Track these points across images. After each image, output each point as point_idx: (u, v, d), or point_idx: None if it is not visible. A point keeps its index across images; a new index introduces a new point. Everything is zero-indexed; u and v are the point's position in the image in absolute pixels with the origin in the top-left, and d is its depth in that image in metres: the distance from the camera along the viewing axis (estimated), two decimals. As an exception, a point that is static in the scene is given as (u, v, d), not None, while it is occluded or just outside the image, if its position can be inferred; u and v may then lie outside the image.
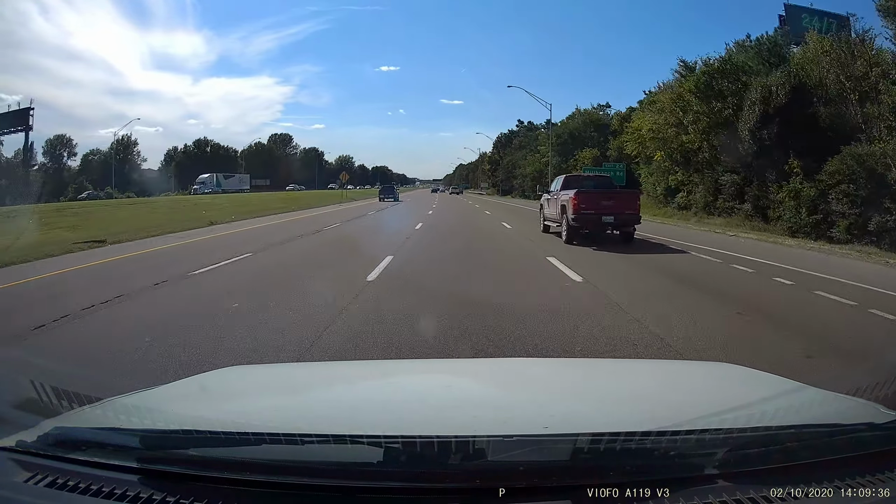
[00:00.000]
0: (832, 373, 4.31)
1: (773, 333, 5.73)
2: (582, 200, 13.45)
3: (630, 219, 13.67)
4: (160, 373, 4.17)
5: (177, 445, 1.28)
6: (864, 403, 1.63)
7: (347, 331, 5.53)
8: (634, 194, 14.70)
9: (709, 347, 5.00)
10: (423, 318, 5.94)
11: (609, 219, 13.41)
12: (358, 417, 1.54)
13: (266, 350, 4.94)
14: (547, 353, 4.81)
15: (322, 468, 1.18)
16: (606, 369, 2.54)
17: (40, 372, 4.02)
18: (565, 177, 17.17)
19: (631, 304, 6.79)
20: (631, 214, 13.66)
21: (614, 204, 13.69)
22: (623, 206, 13.73)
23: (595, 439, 1.21)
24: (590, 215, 13.35)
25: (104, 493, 1.17)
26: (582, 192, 13.80)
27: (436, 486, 1.17)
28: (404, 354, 4.81)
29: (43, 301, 7.51)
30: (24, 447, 1.30)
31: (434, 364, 3.34)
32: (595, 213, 13.34)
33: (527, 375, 2.18)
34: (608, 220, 13.43)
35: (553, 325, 5.68)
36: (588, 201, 13.49)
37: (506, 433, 1.22)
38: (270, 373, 2.55)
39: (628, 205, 13.81)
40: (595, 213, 13.34)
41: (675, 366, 3.19)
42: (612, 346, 5.08)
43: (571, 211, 13.46)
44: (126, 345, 5.14)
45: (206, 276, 9.44)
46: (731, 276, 9.58)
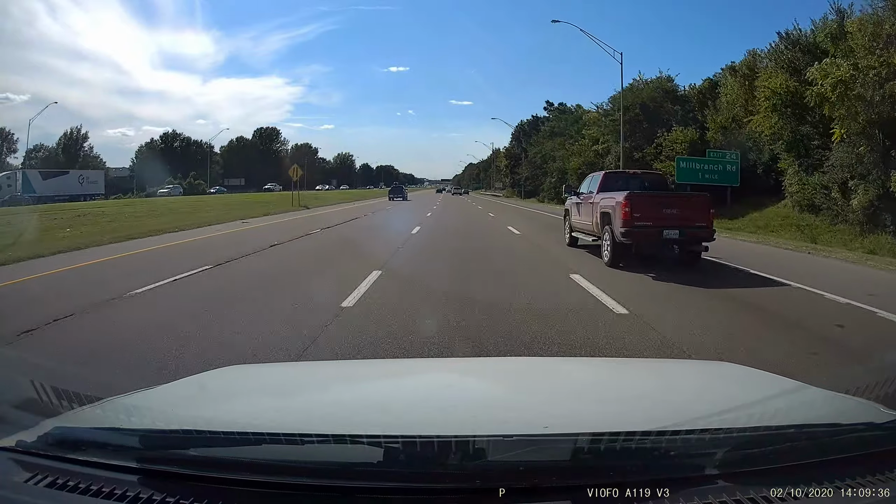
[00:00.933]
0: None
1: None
2: (636, 207, 9.71)
3: (700, 233, 9.98)
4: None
5: (177, 445, 1.28)
6: (864, 403, 1.63)
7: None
8: (704, 200, 10.57)
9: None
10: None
11: (672, 233, 9.76)
12: (358, 417, 1.54)
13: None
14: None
15: (322, 468, 1.18)
16: (606, 369, 2.54)
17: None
18: (604, 174, 12.80)
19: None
20: (701, 228, 10.02)
21: (680, 213, 9.90)
22: (692, 215, 10.03)
23: (595, 439, 1.21)
24: (646, 229, 9.72)
25: (104, 493, 1.17)
26: (636, 195, 10.12)
27: (436, 486, 1.17)
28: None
29: None
30: (25, 447, 1.30)
31: (434, 364, 3.34)
32: (654, 225, 9.72)
33: (527, 375, 2.18)
34: (671, 236, 9.79)
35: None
36: (644, 209, 9.77)
37: (506, 433, 1.22)
38: (270, 372, 2.55)
39: (698, 214, 10.10)
40: (654, 225, 9.72)
41: (676, 365, 3.18)
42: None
43: (620, 222, 9.73)
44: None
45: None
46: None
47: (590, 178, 13.36)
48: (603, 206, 10.77)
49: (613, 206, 10.13)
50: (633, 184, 11.88)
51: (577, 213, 12.92)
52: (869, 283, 8.81)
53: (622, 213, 9.76)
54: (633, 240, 9.84)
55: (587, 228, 12.02)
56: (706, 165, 21.70)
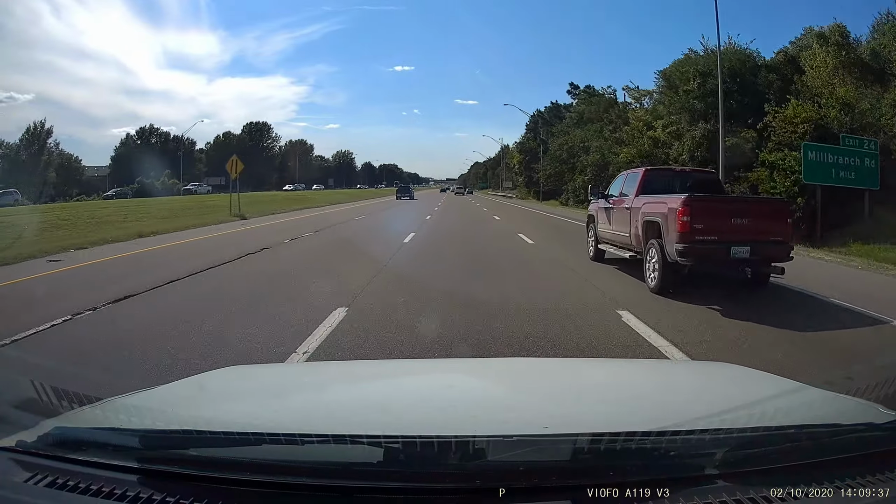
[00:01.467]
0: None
1: None
2: (699, 216, 7.18)
3: (776, 251, 7.51)
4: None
5: (177, 445, 1.28)
6: (864, 403, 1.63)
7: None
8: (782, 206, 8.32)
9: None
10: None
11: (742, 251, 7.21)
12: (358, 417, 1.54)
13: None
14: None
15: (322, 468, 1.18)
16: (607, 369, 2.54)
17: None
18: (644, 171, 9.72)
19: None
20: (777, 243, 7.52)
21: (751, 223, 7.38)
22: (766, 226, 7.51)
23: (595, 439, 1.21)
24: (711, 245, 7.21)
25: (104, 493, 1.17)
26: (698, 200, 7.46)
27: (436, 486, 1.17)
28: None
29: None
30: (24, 447, 1.30)
31: (434, 364, 3.34)
32: (720, 239, 7.22)
33: (527, 375, 2.18)
34: (741, 254, 7.23)
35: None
36: (709, 218, 7.25)
37: (506, 433, 1.22)
38: (270, 373, 2.55)
39: (774, 225, 7.60)
40: (720, 239, 7.22)
41: (676, 366, 3.19)
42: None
43: (676, 235, 7.22)
44: None
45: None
46: None
47: (622, 178, 10.56)
48: (648, 213, 8.27)
49: (665, 213, 7.60)
50: (681, 184, 9.42)
51: (607, 220, 10.28)
52: None
53: (679, 223, 7.19)
54: (693, 259, 7.21)
55: (621, 240, 9.52)
56: (841, 158, 14.81)
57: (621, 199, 9.68)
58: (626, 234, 9.13)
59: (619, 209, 9.66)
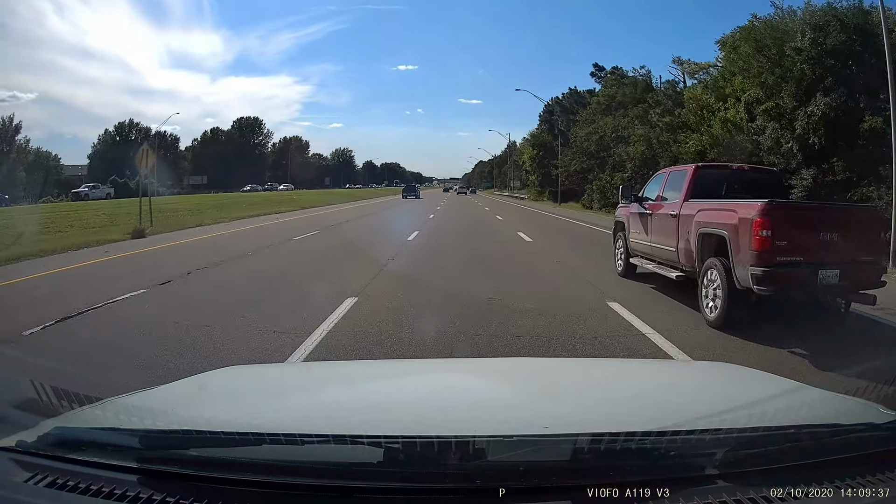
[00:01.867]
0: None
1: None
2: (783, 228, 5.52)
3: (867, 273, 5.88)
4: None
5: (176, 445, 1.28)
6: (864, 403, 1.63)
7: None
8: (872, 216, 6.65)
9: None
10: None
11: (831, 275, 5.55)
12: (358, 417, 1.54)
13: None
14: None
15: (322, 468, 1.18)
16: (606, 369, 2.54)
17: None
18: (694, 169, 7.74)
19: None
20: (868, 264, 5.91)
21: (841, 239, 5.65)
22: (855, 243, 5.76)
23: (595, 439, 1.21)
24: (798, 268, 5.55)
25: (104, 493, 1.17)
26: (781, 208, 5.82)
27: (436, 486, 1.17)
28: None
29: None
30: (24, 447, 1.30)
31: (434, 364, 3.34)
32: (806, 260, 5.56)
33: (527, 375, 2.18)
34: (829, 279, 5.56)
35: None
36: (795, 231, 5.59)
37: (506, 433, 1.23)
38: (270, 373, 2.55)
39: (865, 240, 5.89)
40: (806, 260, 5.56)
41: (676, 366, 3.19)
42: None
43: (752, 256, 5.55)
44: None
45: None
46: None
47: (662, 177, 8.59)
48: (706, 223, 6.38)
49: (734, 225, 5.82)
50: (741, 185, 7.59)
51: (642, 229, 8.39)
52: None
53: (756, 239, 5.45)
54: (775, 288, 5.47)
55: (662, 255, 7.67)
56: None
57: (660, 203, 7.91)
58: (671, 247, 7.22)
59: (659, 216, 7.80)
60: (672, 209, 7.34)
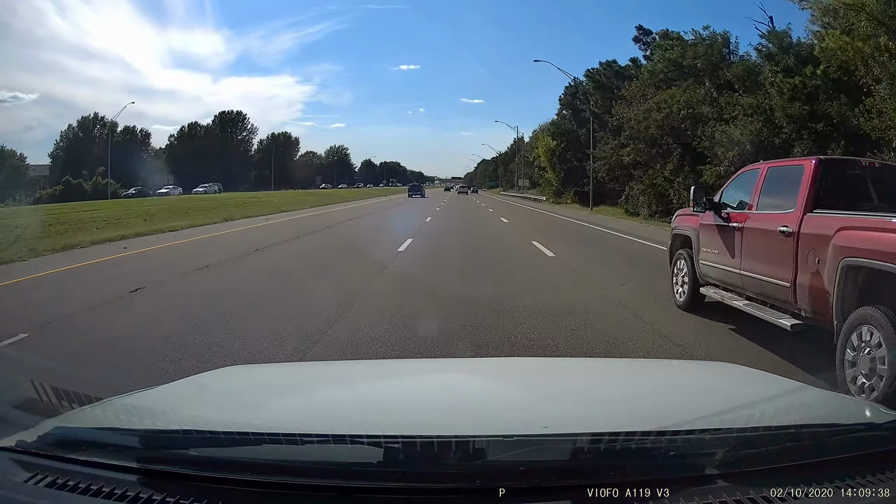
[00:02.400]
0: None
1: None
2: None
3: None
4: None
5: (177, 445, 1.28)
6: (864, 403, 1.64)
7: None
8: None
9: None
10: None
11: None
12: (358, 417, 1.54)
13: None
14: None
15: (322, 468, 1.18)
16: (606, 369, 2.54)
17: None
18: (816, 163, 4.88)
19: None
20: None
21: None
22: None
23: (595, 439, 1.21)
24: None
25: (104, 493, 1.17)
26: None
27: (436, 486, 1.17)
28: None
29: None
30: (24, 447, 1.30)
31: (434, 364, 3.33)
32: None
33: (527, 375, 2.18)
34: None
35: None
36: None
37: (506, 433, 1.22)
38: (270, 372, 2.55)
39: None
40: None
41: (676, 366, 3.19)
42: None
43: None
44: None
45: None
46: None
47: (755, 175, 5.90)
48: (856, 249, 3.97)
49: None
50: (881, 190, 5.09)
51: (724, 248, 5.92)
52: None
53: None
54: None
55: (760, 288, 5.31)
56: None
57: (754, 213, 5.56)
58: (783, 281, 4.85)
59: (757, 232, 5.40)
60: (782, 223, 4.88)
